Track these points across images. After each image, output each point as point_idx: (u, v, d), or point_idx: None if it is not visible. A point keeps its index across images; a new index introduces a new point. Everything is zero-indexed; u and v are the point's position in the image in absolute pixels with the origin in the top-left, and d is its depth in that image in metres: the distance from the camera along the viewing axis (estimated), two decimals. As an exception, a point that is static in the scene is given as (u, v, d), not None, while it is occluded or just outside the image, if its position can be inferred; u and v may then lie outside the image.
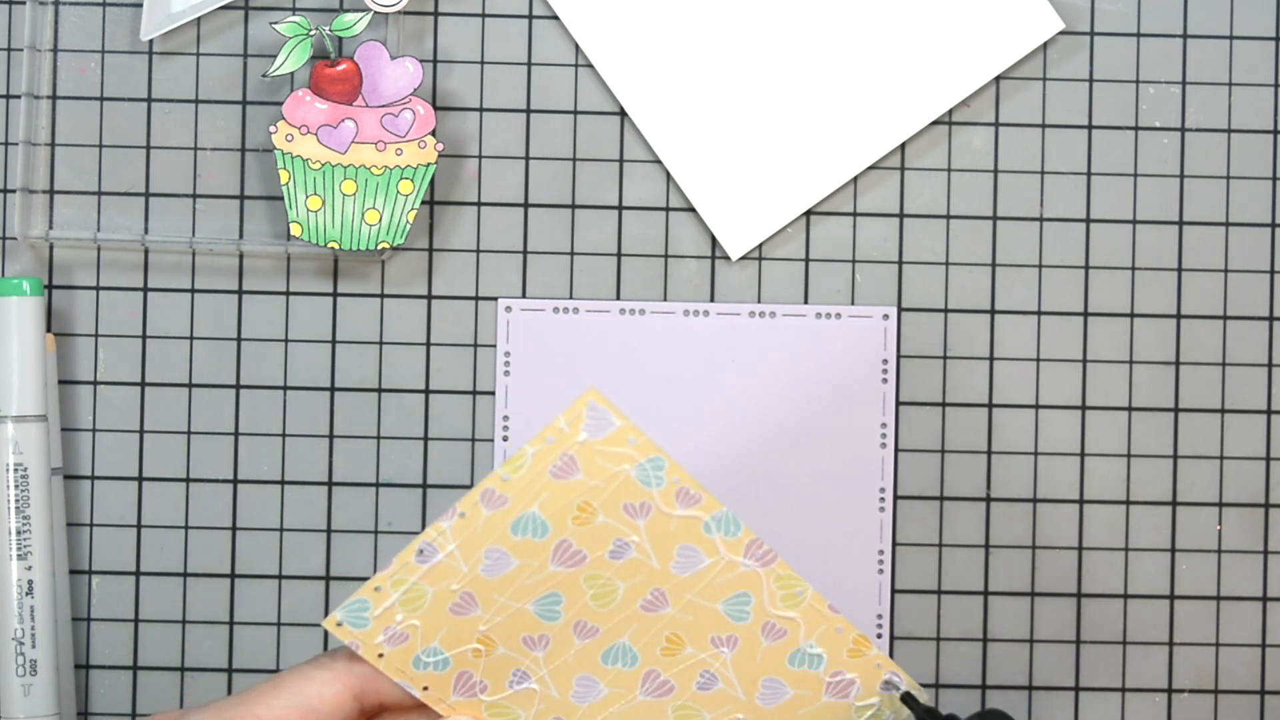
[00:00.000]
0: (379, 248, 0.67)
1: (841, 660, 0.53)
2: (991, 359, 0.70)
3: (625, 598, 0.51)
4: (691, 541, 0.51)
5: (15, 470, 0.66)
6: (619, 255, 0.70)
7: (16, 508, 0.66)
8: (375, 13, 0.68)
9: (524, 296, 0.69)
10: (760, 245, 0.69)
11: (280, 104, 0.68)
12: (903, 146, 0.70)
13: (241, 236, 0.69)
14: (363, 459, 0.69)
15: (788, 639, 0.52)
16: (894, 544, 0.69)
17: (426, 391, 0.69)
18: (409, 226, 0.67)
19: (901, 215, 0.70)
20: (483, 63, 0.70)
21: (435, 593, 0.50)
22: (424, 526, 0.69)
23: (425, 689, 0.51)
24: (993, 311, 0.70)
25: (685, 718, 0.53)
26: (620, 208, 0.70)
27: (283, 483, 0.69)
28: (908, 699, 0.52)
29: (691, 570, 0.51)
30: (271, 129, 0.67)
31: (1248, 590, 0.70)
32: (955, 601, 0.69)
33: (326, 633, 0.69)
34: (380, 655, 0.51)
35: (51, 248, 0.69)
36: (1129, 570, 0.70)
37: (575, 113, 0.70)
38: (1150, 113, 0.70)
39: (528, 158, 0.70)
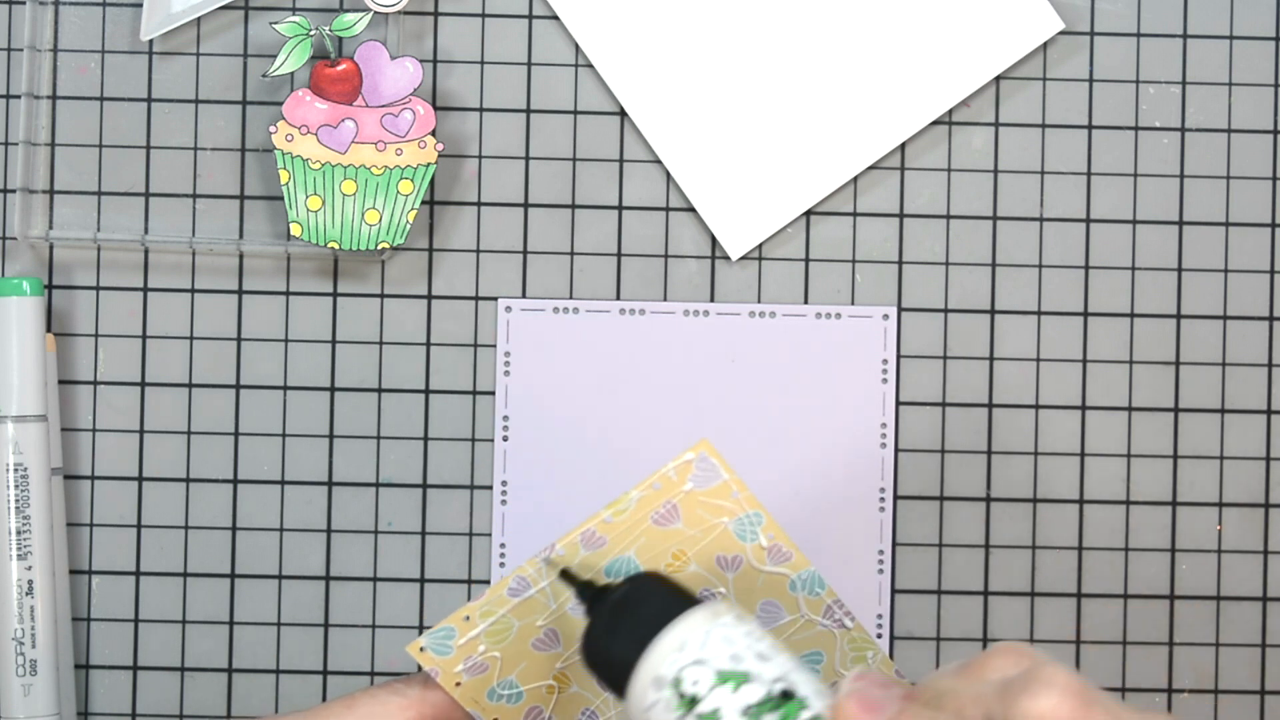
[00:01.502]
0: (379, 248, 0.67)
1: (898, 683, 0.53)
2: (991, 359, 0.70)
3: None
4: (775, 597, 0.52)
5: (15, 470, 0.66)
6: (619, 255, 0.70)
7: (16, 508, 0.66)
8: (375, 13, 0.68)
9: (524, 296, 0.69)
10: (760, 245, 0.69)
11: (280, 104, 0.68)
12: (903, 146, 0.70)
13: (241, 236, 0.69)
14: (363, 459, 0.69)
15: None
16: (894, 544, 0.69)
17: (426, 391, 0.69)
18: (409, 226, 0.67)
19: (901, 215, 0.70)
20: (483, 63, 0.70)
21: (521, 626, 0.51)
22: (424, 526, 0.69)
23: None
24: (993, 311, 0.70)
25: None
26: (620, 208, 0.70)
27: (283, 483, 0.69)
28: (565, 574, 0.51)
29: (772, 625, 0.52)
30: (271, 129, 0.67)
31: (1248, 590, 0.70)
32: (955, 601, 0.69)
33: (327, 630, 0.69)
34: (457, 684, 0.51)
35: (51, 248, 0.69)
36: (1129, 570, 0.70)
37: (575, 113, 0.70)
38: (1150, 113, 0.70)
39: (528, 158, 0.70)
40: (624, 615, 0.48)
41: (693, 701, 0.46)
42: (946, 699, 0.44)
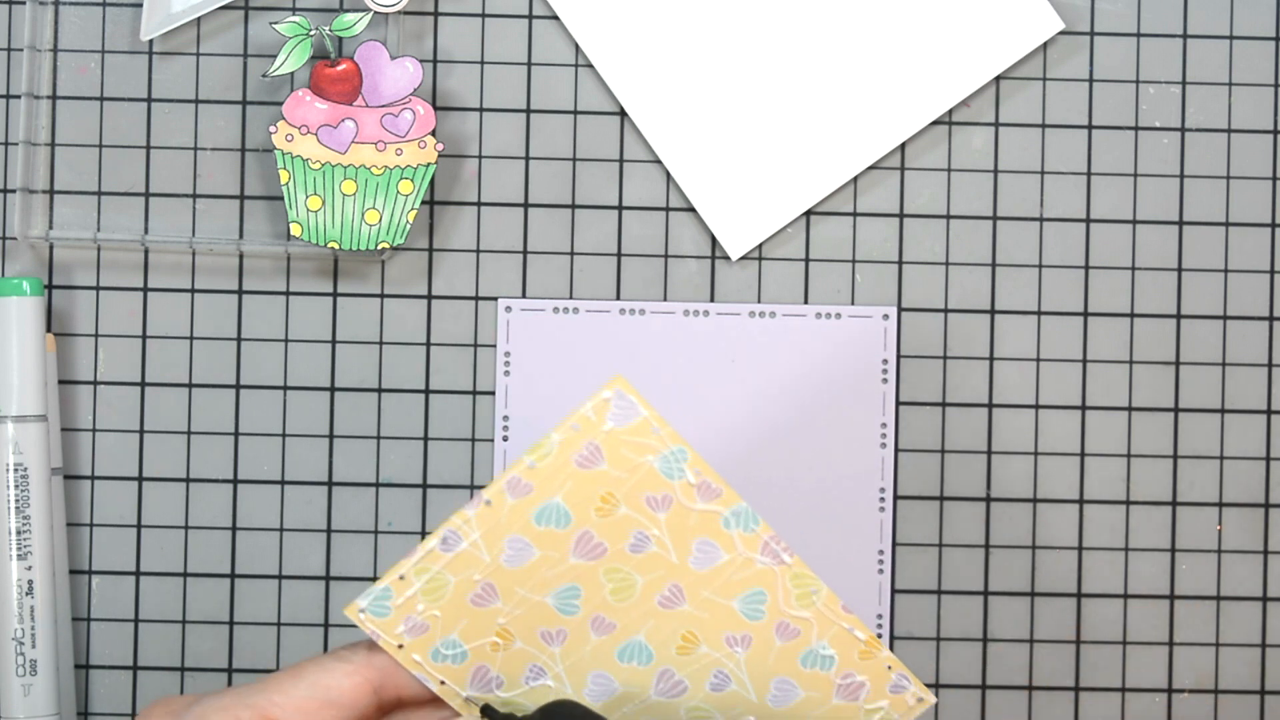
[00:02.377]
0: (379, 248, 0.67)
1: (852, 661, 0.53)
2: (991, 359, 0.70)
3: (643, 592, 0.51)
4: (710, 536, 0.51)
5: (15, 470, 0.66)
6: (619, 255, 0.70)
7: (16, 508, 0.66)
8: (375, 13, 0.68)
9: (524, 296, 0.69)
10: (760, 245, 0.69)
11: (280, 104, 0.68)
12: (903, 146, 0.70)
13: (241, 236, 0.69)
14: (363, 459, 0.69)
15: (800, 638, 0.52)
16: (894, 544, 0.69)
17: (426, 391, 0.69)
18: (409, 226, 0.67)
19: (901, 215, 0.70)
20: (483, 63, 0.70)
21: (457, 582, 0.50)
22: (424, 526, 0.69)
23: (442, 683, 0.51)
24: (993, 311, 0.70)
25: (696, 718, 0.53)
26: (620, 208, 0.70)
27: (283, 483, 0.69)
28: (486, 710, 0.52)
29: (709, 565, 0.51)
30: (271, 129, 0.67)
31: (1248, 590, 0.70)
32: (955, 601, 0.69)
33: (327, 630, 0.69)
34: (400, 646, 0.51)
35: (51, 248, 0.69)
36: (1129, 570, 0.70)
37: (575, 113, 0.70)
38: (1150, 113, 0.70)
39: (528, 158, 0.70)
40: None
41: None
42: None
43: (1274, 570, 0.70)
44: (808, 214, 0.70)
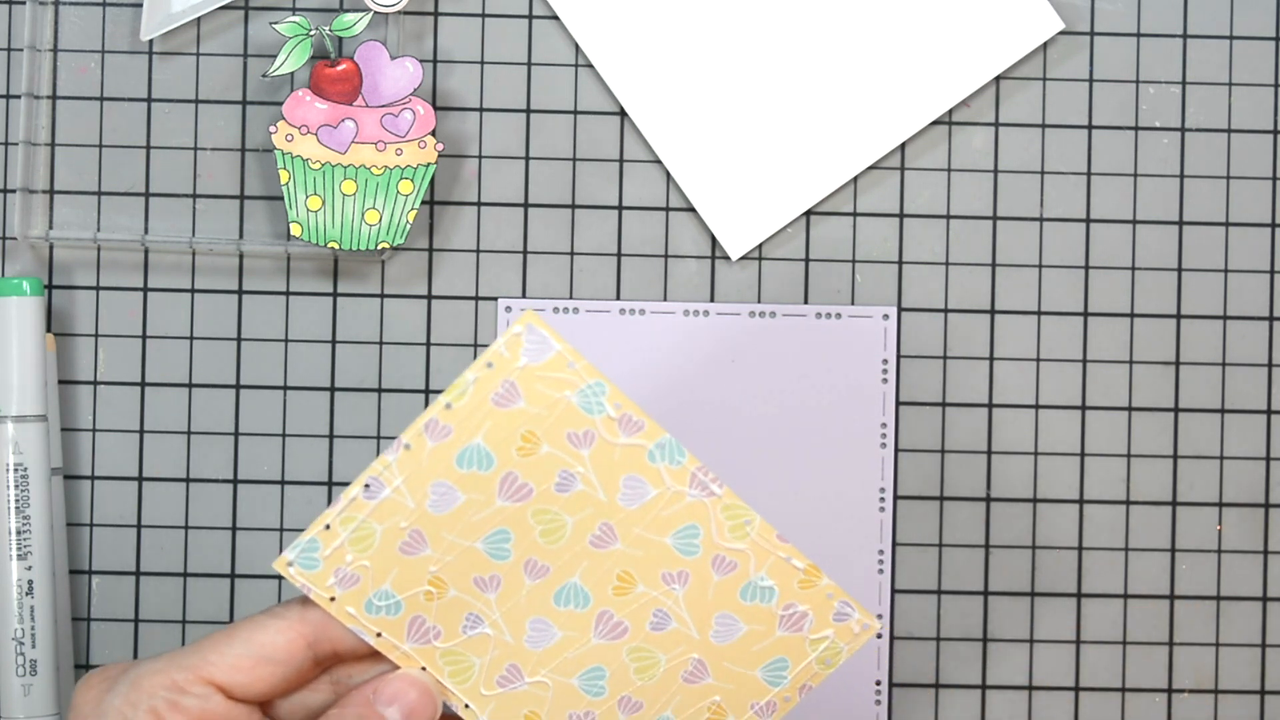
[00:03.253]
0: (379, 248, 0.67)
1: (793, 592, 0.52)
2: (991, 359, 0.70)
3: (574, 533, 0.51)
4: (636, 471, 0.50)
5: (15, 470, 0.66)
6: (619, 255, 0.70)
7: (16, 508, 0.66)
8: (375, 13, 0.68)
9: (524, 296, 0.69)
10: (760, 245, 0.69)
11: (280, 104, 0.68)
12: (903, 146, 0.70)
13: (241, 236, 0.69)
14: (362, 459, 0.69)
15: (738, 572, 0.52)
16: (894, 544, 0.69)
17: (426, 391, 0.69)
18: (409, 226, 0.67)
19: (901, 215, 0.70)
20: (483, 63, 0.70)
21: (384, 531, 0.49)
22: (424, 526, 0.69)
23: (379, 635, 0.50)
24: (993, 311, 0.70)
25: (640, 660, 0.52)
26: (620, 208, 0.70)
27: (283, 483, 0.69)
28: None
29: (638, 502, 0.51)
30: (271, 129, 0.67)
31: (1248, 590, 0.70)
32: (955, 601, 0.69)
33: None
34: (332, 599, 0.50)
35: (51, 248, 0.69)
36: (1129, 570, 0.70)
37: (575, 113, 0.70)
38: (1150, 113, 0.70)
39: (528, 158, 0.70)
40: None
41: None
42: None
43: (1274, 570, 0.70)
44: (808, 214, 0.70)
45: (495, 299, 0.69)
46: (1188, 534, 0.70)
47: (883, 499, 0.69)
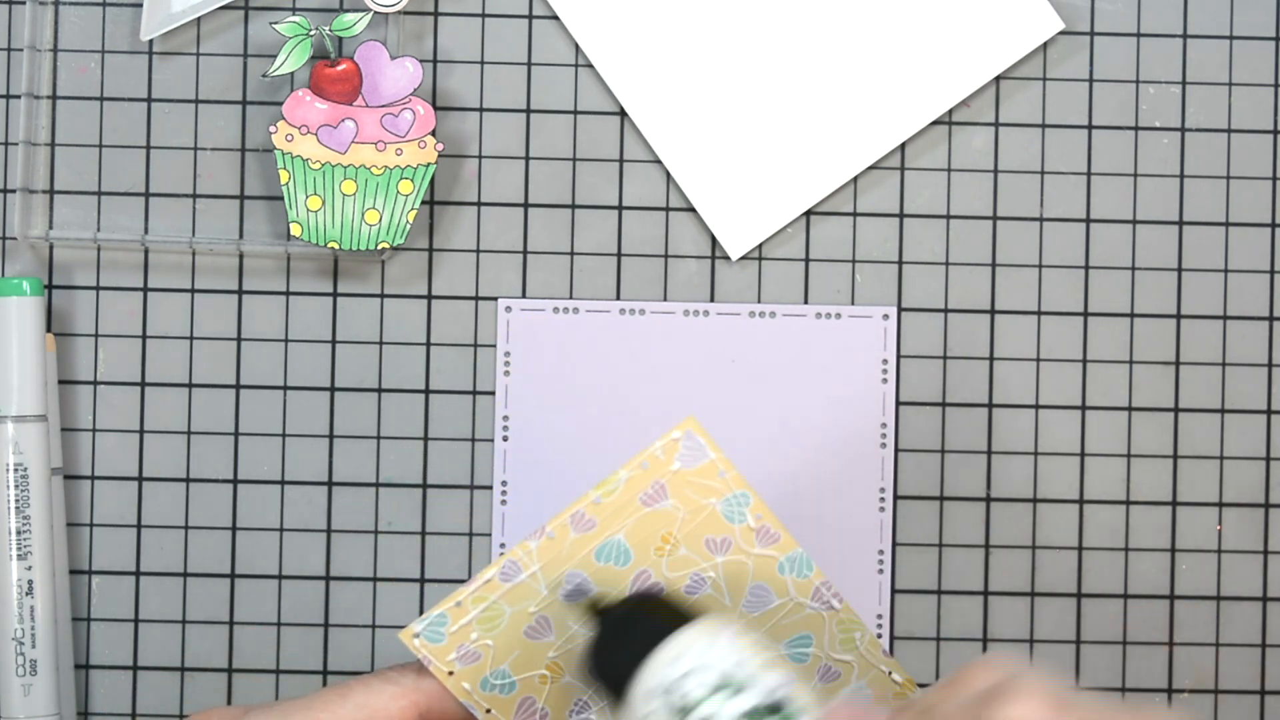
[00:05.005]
0: (379, 248, 0.67)
1: (887, 701, 0.53)
2: (991, 359, 0.70)
3: None
4: (765, 580, 0.52)
5: (15, 470, 0.66)
6: (619, 255, 0.70)
7: (16, 508, 0.66)
8: (375, 13, 0.68)
9: (524, 296, 0.69)
10: (760, 245, 0.69)
11: (280, 104, 0.68)
12: (903, 146, 0.70)
13: (241, 236, 0.69)
14: (363, 459, 0.69)
15: (840, 680, 0.53)
16: (894, 544, 0.69)
17: (426, 391, 0.69)
18: (409, 226, 0.67)
19: (901, 215, 0.70)
20: (483, 63, 0.70)
21: (513, 614, 0.50)
22: (424, 526, 0.69)
23: (488, 711, 0.51)
24: (993, 311, 0.70)
25: None
26: (620, 208, 0.70)
27: (283, 483, 0.69)
28: (570, 596, 0.51)
29: (761, 610, 0.52)
30: (271, 129, 0.67)
31: (1248, 590, 0.70)
32: (955, 601, 0.69)
33: (327, 630, 0.69)
34: (450, 673, 0.50)
35: (51, 248, 0.69)
36: (1129, 570, 0.70)
37: (575, 113, 0.70)
38: (1150, 113, 0.70)
39: (528, 158, 0.70)
40: (624, 631, 0.49)
41: (684, 711, 0.47)
42: (932, 712, 0.44)
43: (1274, 570, 0.70)
44: (808, 214, 0.70)
45: (495, 299, 0.69)
46: (1188, 534, 0.70)
47: (883, 499, 0.69)
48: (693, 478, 0.50)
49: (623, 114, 0.70)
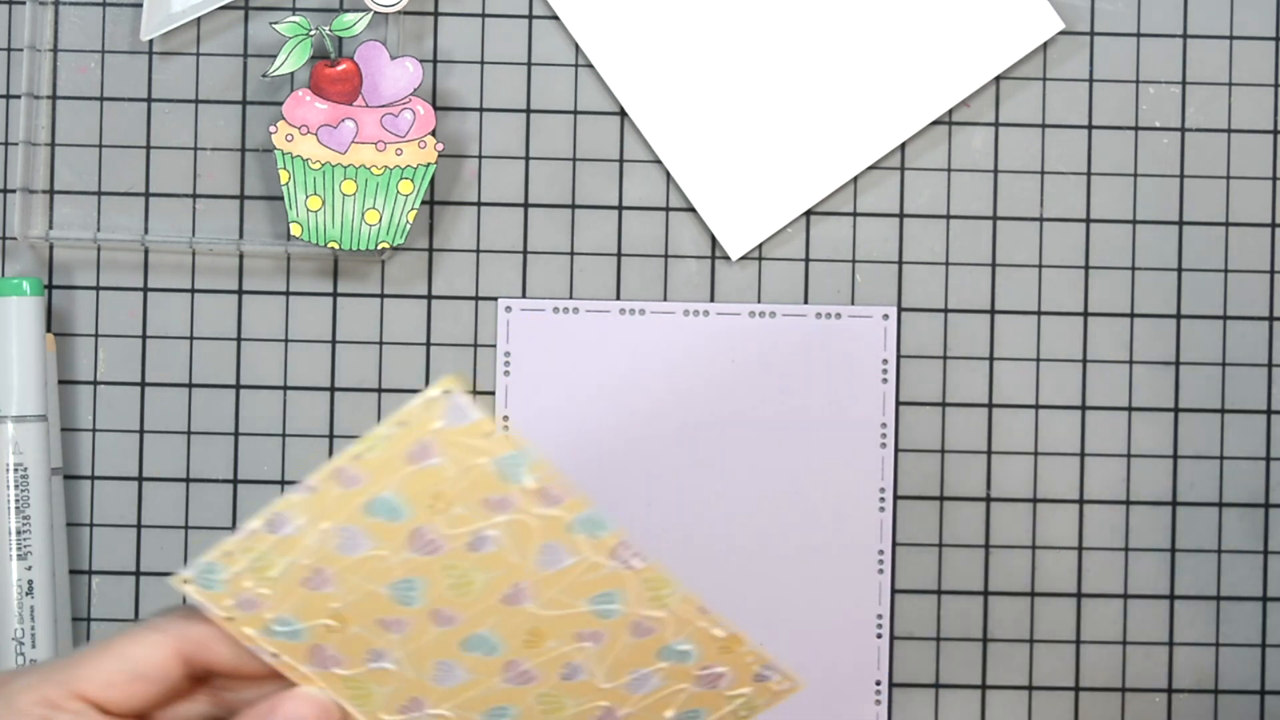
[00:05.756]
0: (379, 248, 0.67)
1: (713, 655, 0.52)
2: (991, 359, 0.70)
3: (485, 589, 0.50)
4: (555, 539, 0.49)
5: (15, 470, 0.66)
6: (619, 255, 0.70)
7: (16, 508, 0.66)
8: (375, 13, 0.68)
9: (524, 296, 0.69)
10: (760, 245, 0.69)
11: (280, 104, 0.68)
12: (903, 146, 0.70)
13: (241, 236, 0.69)
14: (363, 459, 0.69)
15: (655, 636, 0.51)
16: (894, 544, 0.69)
17: (426, 391, 0.69)
18: (409, 226, 0.67)
19: (901, 215, 0.70)
20: (483, 63, 0.70)
21: (287, 564, 0.48)
22: (424, 526, 0.69)
23: (275, 655, 0.50)
24: (993, 311, 0.70)
25: (548, 703, 0.52)
26: (620, 208, 0.70)
27: (283, 483, 0.69)
28: None
29: (555, 567, 0.50)
30: (271, 129, 0.67)
31: (1248, 590, 0.70)
32: (955, 601, 0.69)
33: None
34: (230, 619, 0.49)
35: (51, 248, 0.69)
36: (1129, 570, 0.70)
37: (575, 113, 0.70)
38: (1150, 113, 0.70)
39: (528, 158, 0.70)
40: None
41: None
42: None
43: (1274, 570, 0.70)
44: (808, 214, 0.70)
45: (495, 299, 0.69)
46: (1188, 534, 0.70)
47: (883, 499, 0.69)
48: (459, 437, 0.48)
49: (623, 114, 0.69)
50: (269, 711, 0.49)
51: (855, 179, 0.70)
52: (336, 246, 0.67)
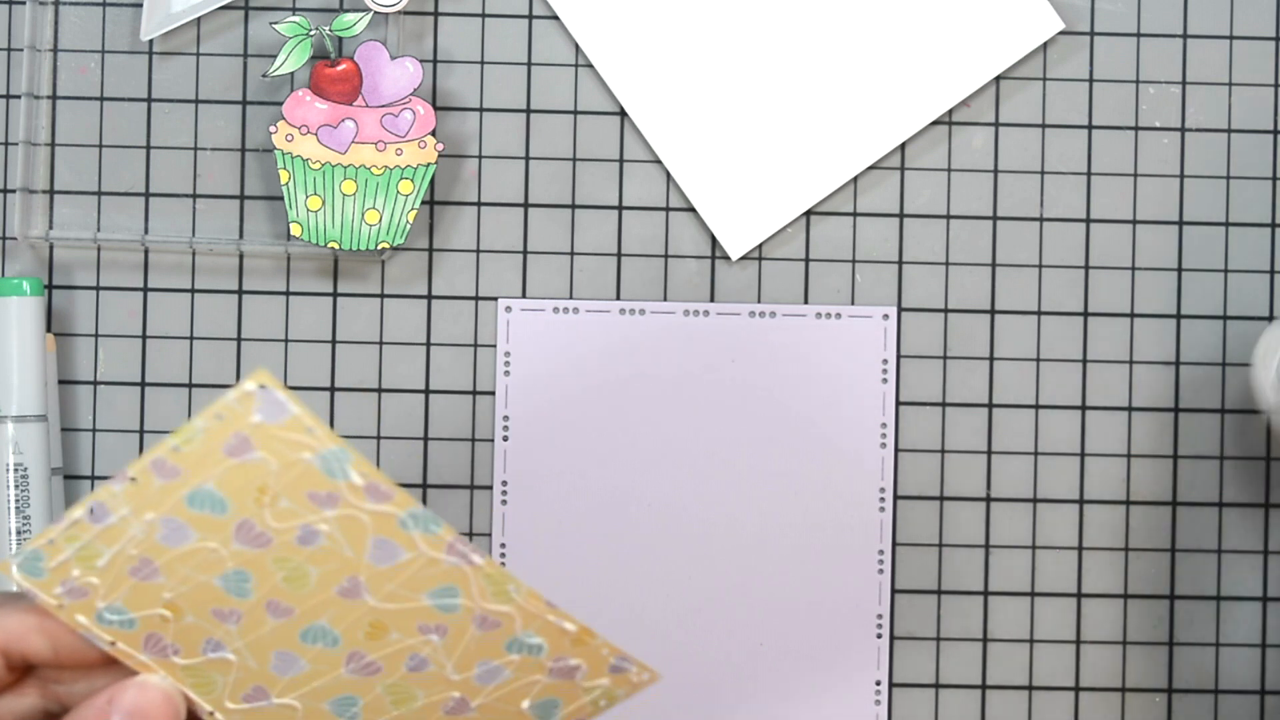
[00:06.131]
0: (379, 248, 0.67)
1: (565, 648, 0.50)
2: (991, 359, 0.70)
3: (319, 582, 0.49)
4: (387, 535, 0.48)
5: (15, 470, 0.66)
6: (619, 255, 0.70)
7: (16, 508, 0.66)
8: (375, 13, 0.68)
9: (524, 296, 0.69)
10: (760, 245, 0.69)
11: (280, 104, 0.68)
12: (903, 146, 0.70)
13: (241, 236, 0.69)
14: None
15: (502, 629, 0.50)
16: (894, 544, 0.69)
17: (426, 391, 0.69)
18: (409, 226, 0.67)
19: (901, 215, 0.70)
20: (483, 63, 0.70)
21: (113, 553, 0.48)
22: (424, 526, 0.69)
23: (113, 644, 0.49)
24: (993, 311, 0.70)
25: (396, 694, 0.51)
26: (620, 208, 0.70)
27: (283, 483, 0.69)
28: None
29: (389, 562, 0.49)
30: (271, 129, 0.67)
31: (1248, 590, 0.70)
32: (955, 601, 0.69)
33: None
34: (59, 606, 0.48)
35: (51, 248, 0.69)
36: (1129, 570, 0.70)
37: (575, 113, 0.70)
38: (1150, 113, 0.70)
39: (528, 158, 0.70)
40: None
41: None
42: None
43: (1274, 570, 0.70)
44: (808, 214, 0.70)
45: (495, 299, 0.69)
46: (1188, 534, 0.70)
47: (883, 499, 0.69)
48: (278, 432, 0.47)
49: (623, 114, 0.70)
50: (108, 702, 0.48)
51: (855, 179, 0.70)
52: (336, 246, 0.67)
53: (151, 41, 0.69)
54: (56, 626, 0.48)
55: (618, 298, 0.69)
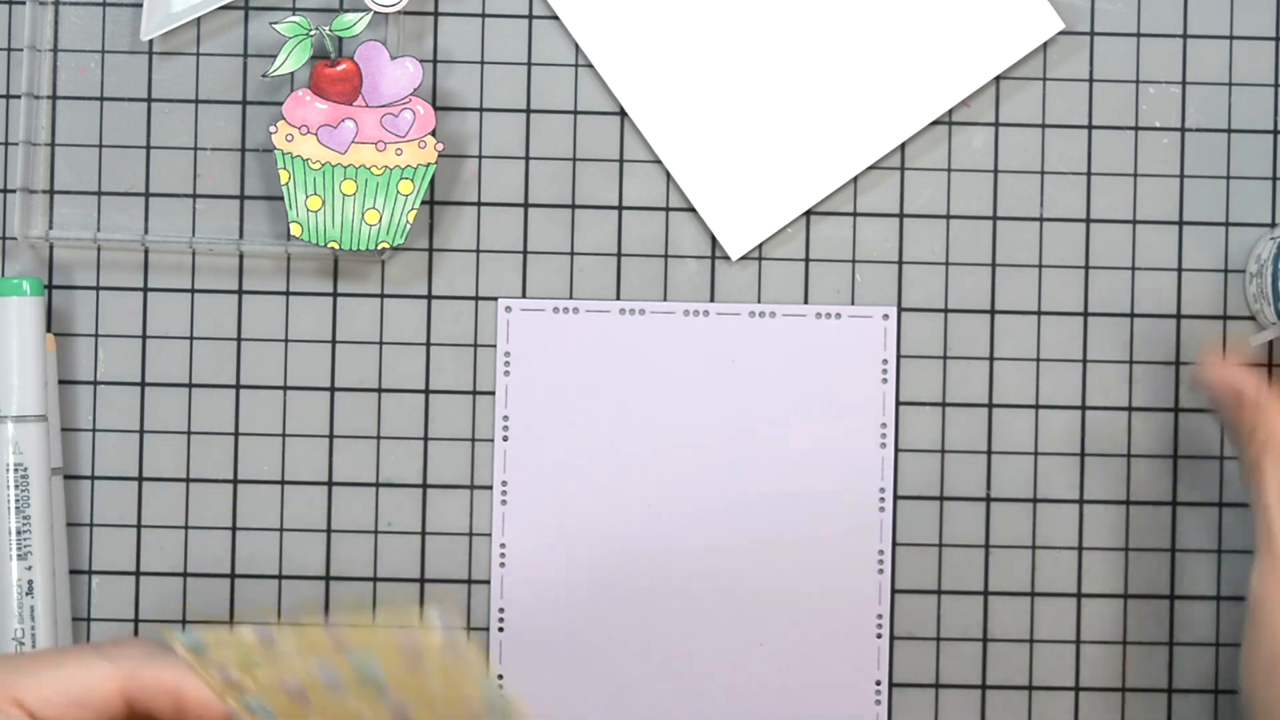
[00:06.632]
0: (379, 248, 0.67)
1: None
2: (991, 359, 0.70)
3: None
4: None
5: (15, 470, 0.66)
6: (619, 255, 0.70)
7: (16, 508, 0.66)
8: (375, 13, 0.68)
9: (524, 296, 0.69)
10: (760, 245, 0.69)
11: (280, 104, 0.68)
12: (903, 146, 0.70)
13: (241, 236, 0.69)
14: (363, 459, 0.69)
15: None
16: (894, 544, 0.69)
17: (426, 391, 0.69)
18: (409, 226, 0.67)
19: (901, 215, 0.70)
20: (483, 63, 0.70)
21: (271, 671, 0.49)
22: (424, 526, 0.69)
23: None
24: (993, 311, 0.70)
25: None
26: (620, 208, 0.70)
27: (283, 483, 0.69)
28: None
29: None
30: (271, 129, 0.67)
31: (1247, 590, 0.70)
32: (955, 601, 0.69)
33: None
34: (211, 684, 0.49)
35: (51, 248, 0.69)
36: (1129, 570, 0.70)
37: (575, 113, 0.70)
38: (1150, 113, 0.70)
39: (528, 158, 0.70)
40: None
41: None
42: None
43: (1274, 570, 0.70)
44: (808, 214, 0.70)
45: (495, 299, 0.69)
46: (1188, 534, 0.70)
47: (883, 499, 0.69)
48: (452, 664, 0.50)
49: (623, 114, 0.70)
50: None
51: (855, 179, 0.70)
52: (336, 246, 0.67)
53: (151, 41, 0.69)
54: (188, 700, 0.49)
55: (618, 298, 0.69)
